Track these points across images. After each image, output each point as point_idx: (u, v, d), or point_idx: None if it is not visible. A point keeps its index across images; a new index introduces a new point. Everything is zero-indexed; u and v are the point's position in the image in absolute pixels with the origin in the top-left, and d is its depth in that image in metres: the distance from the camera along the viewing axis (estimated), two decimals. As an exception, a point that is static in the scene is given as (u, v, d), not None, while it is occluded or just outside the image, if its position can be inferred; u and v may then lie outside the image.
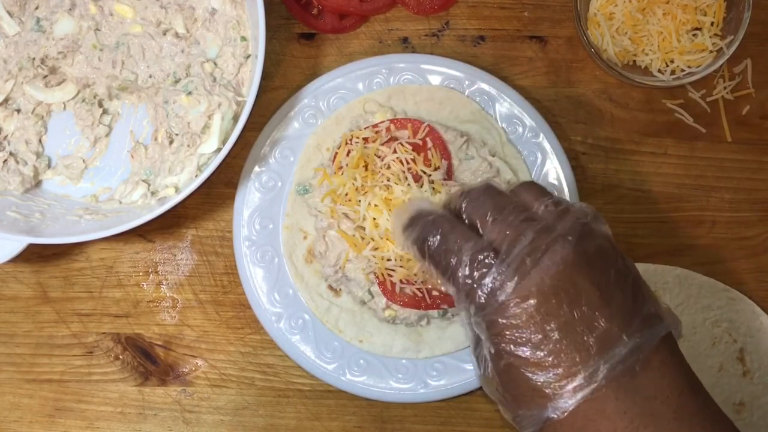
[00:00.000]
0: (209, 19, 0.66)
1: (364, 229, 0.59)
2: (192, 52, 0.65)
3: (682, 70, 0.67)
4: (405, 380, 0.64)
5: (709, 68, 0.66)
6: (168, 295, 0.68)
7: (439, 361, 0.64)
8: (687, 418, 0.43)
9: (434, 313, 0.62)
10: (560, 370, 0.42)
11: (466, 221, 0.48)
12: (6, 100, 0.65)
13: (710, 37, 0.67)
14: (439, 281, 0.48)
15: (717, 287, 0.66)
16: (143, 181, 0.65)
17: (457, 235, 0.46)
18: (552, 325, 0.43)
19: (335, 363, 0.64)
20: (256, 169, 0.66)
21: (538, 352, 0.43)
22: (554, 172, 0.66)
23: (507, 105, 0.66)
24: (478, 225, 0.47)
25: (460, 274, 0.45)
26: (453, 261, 0.46)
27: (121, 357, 0.67)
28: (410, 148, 0.61)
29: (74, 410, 0.67)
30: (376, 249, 0.58)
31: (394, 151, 0.60)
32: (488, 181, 0.51)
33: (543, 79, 0.70)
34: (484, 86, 0.66)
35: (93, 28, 0.65)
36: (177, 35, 0.65)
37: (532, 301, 0.43)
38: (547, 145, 0.66)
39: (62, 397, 0.67)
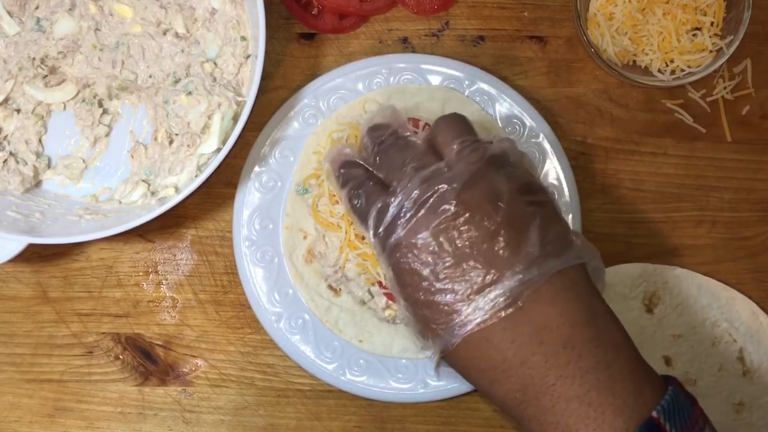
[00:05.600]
0: (209, 19, 0.66)
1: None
2: (192, 52, 0.65)
3: (682, 70, 0.67)
4: (405, 380, 0.64)
5: (709, 68, 0.66)
6: (168, 295, 0.68)
7: (439, 361, 0.64)
8: (578, 346, 0.45)
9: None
10: (445, 308, 0.47)
11: (380, 173, 0.54)
12: (6, 100, 0.65)
13: (710, 37, 0.67)
14: (363, 230, 0.53)
15: (717, 287, 0.66)
16: (143, 181, 0.65)
17: (373, 193, 0.52)
18: (435, 268, 0.48)
19: (335, 363, 0.64)
20: (256, 169, 0.66)
21: (423, 294, 0.48)
22: (554, 172, 0.66)
23: (507, 105, 0.66)
24: (386, 179, 0.53)
25: (369, 224, 0.51)
26: (367, 214, 0.52)
27: (121, 357, 0.67)
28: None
29: (74, 410, 0.67)
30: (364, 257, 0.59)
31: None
32: (398, 132, 0.55)
33: (543, 79, 0.70)
34: (484, 86, 0.66)
35: (93, 28, 0.65)
36: (177, 35, 0.65)
37: (414, 250, 0.48)
38: (547, 145, 0.66)
39: (62, 397, 0.67)
